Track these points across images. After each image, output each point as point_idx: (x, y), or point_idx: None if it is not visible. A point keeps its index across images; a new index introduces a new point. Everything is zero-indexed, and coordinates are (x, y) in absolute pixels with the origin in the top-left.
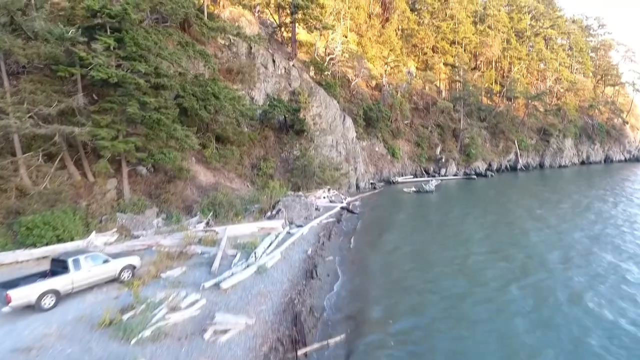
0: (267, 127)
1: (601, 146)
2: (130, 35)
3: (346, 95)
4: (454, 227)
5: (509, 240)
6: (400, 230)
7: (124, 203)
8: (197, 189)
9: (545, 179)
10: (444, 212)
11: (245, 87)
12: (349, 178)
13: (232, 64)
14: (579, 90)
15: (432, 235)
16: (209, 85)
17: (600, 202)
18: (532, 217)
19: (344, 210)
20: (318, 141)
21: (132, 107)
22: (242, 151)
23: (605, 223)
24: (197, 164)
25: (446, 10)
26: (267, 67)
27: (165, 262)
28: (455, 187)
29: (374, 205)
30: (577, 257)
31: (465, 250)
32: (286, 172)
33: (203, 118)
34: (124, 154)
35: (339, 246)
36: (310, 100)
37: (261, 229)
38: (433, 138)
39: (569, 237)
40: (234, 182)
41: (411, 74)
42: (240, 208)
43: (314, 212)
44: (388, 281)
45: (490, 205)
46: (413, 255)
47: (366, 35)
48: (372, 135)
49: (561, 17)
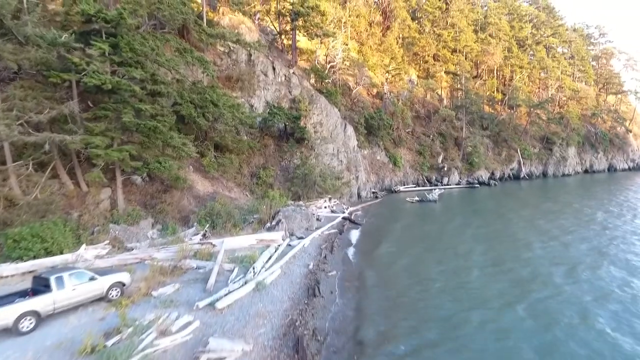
0: (266, 135)
1: (604, 155)
2: (126, 41)
3: (347, 103)
4: (457, 240)
5: (513, 253)
6: (404, 243)
7: (117, 214)
8: (194, 198)
9: (549, 189)
10: (448, 223)
11: (244, 95)
12: (351, 187)
13: (232, 71)
14: (582, 98)
15: (435, 248)
16: (208, 92)
17: (605, 213)
18: (535, 229)
19: (345, 221)
20: (319, 149)
21: (127, 115)
22: (241, 160)
23: (611, 235)
24: (194, 172)
25: (447, 19)
26: (267, 75)
27: (157, 278)
28: (459, 196)
29: (377, 216)
30: (584, 272)
31: (468, 264)
32: (286, 181)
33: (201, 126)
34: (118, 163)
35: (342, 260)
36: (311, 108)
37: (260, 241)
38: (435, 146)
39: (574, 250)
40: (232, 192)
41: (412, 82)
42: (239, 218)
43: (315, 222)
44: (393, 299)
45: (493, 216)
46: (417, 271)
47: (367, 44)
48: (373, 143)
49: (562, 26)
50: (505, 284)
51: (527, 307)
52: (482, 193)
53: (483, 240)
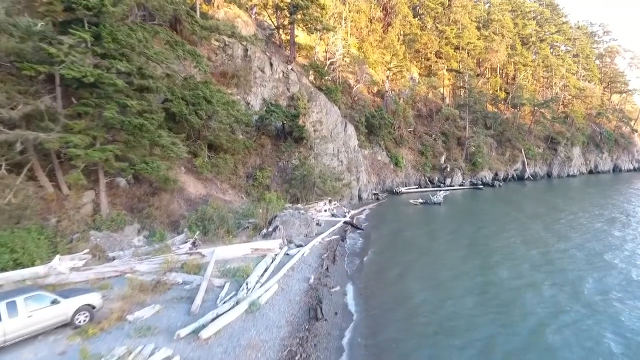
0: (263, 134)
1: (609, 155)
2: (108, 30)
3: (347, 102)
4: (468, 247)
5: (532, 263)
6: (411, 251)
7: (100, 219)
8: (185, 201)
9: (555, 190)
10: (455, 228)
11: (240, 92)
12: (351, 189)
13: (227, 67)
14: (587, 97)
15: (446, 257)
16: (200, 88)
17: (621, 215)
18: (551, 234)
19: (347, 225)
20: (318, 149)
21: (110, 111)
22: (237, 160)
23: (635, 241)
24: (186, 174)
25: (449, 15)
26: (264, 71)
27: (136, 297)
28: (463, 198)
29: (380, 219)
30: (615, 285)
31: (485, 277)
32: (284, 182)
33: (193, 124)
34: (101, 164)
35: (346, 272)
36: (310, 105)
37: (255, 250)
38: (437, 146)
39: (599, 259)
40: (227, 194)
41: (414, 80)
42: (233, 224)
43: (314, 228)
44: (406, 321)
45: (503, 219)
46: (429, 284)
47: (367, 40)
48: (374, 143)
49: (566, 23)
50: (532, 304)
51: (562, 329)
52: (487, 195)
53: (498, 249)
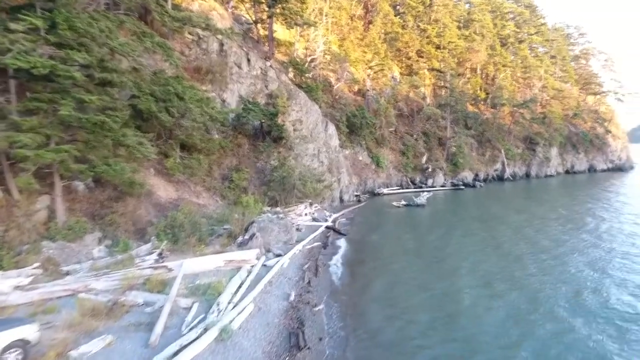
0: (240, 134)
1: (585, 155)
2: (64, 17)
3: (328, 100)
4: (459, 254)
5: (512, 272)
6: (399, 259)
7: (55, 227)
8: (154, 207)
9: (534, 191)
10: (442, 232)
11: (215, 89)
12: (332, 190)
13: (201, 62)
14: (564, 98)
15: (437, 266)
16: (171, 84)
17: (596, 219)
18: (525, 240)
19: (329, 231)
20: (298, 150)
21: (66, 107)
22: (212, 161)
23: (607, 247)
24: (156, 176)
25: (430, 14)
26: (241, 67)
27: (86, 324)
28: (445, 199)
29: (363, 223)
30: (590, 297)
31: (488, 289)
32: (262, 184)
33: (164, 122)
34: (56, 166)
35: (330, 285)
36: (290, 104)
37: (229, 262)
38: (419, 146)
39: (572, 267)
40: (200, 197)
41: (395, 79)
42: (206, 231)
43: (294, 234)
44: (399, 346)
45: (485, 222)
46: (420, 299)
47: (348, 38)
48: (355, 143)
49: (544, 25)
50: (510, 325)
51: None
52: (468, 196)
53: (487, 255)
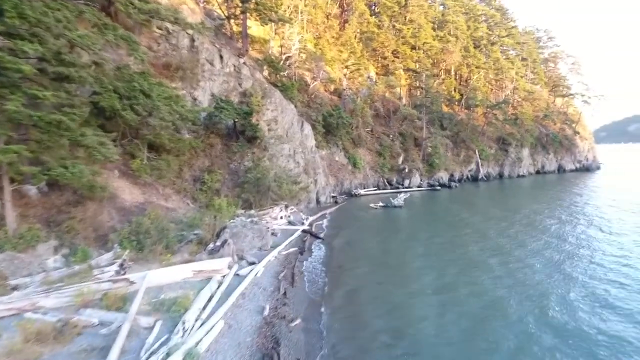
0: (212, 134)
1: (555, 156)
2: (13, 3)
3: (304, 100)
4: (444, 257)
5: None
6: (381, 265)
7: (4, 236)
8: (117, 211)
9: (507, 191)
10: (423, 235)
11: (186, 86)
12: (309, 192)
13: (171, 58)
14: (535, 100)
15: (424, 274)
16: (137, 80)
17: (564, 223)
18: (494, 247)
19: (306, 235)
20: (273, 150)
21: (14, 103)
22: (182, 162)
23: (576, 253)
24: (121, 178)
25: (406, 15)
26: (214, 64)
27: (29, 351)
28: (423, 200)
29: (341, 226)
30: (556, 311)
31: (477, 298)
32: (236, 186)
33: (129, 121)
34: (4, 168)
35: (308, 296)
36: (265, 102)
37: (198, 272)
38: (395, 147)
39: (540, 276)
40: (170, 200)
41: (371, 79)
42: (174, 237)
43: (269, 239)
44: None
45: (461, 224)
46: (408, 312)
47: (324, 37)
48: (332, 143)
49: (515, 28)
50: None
51: None
52: (444, 196)
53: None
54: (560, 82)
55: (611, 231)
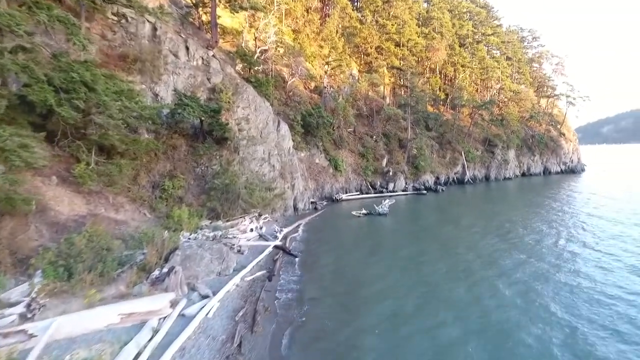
0: (176, 134)
1: (540, 157)
2: None
3: (281, 97)
4: (425, 286)
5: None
6: (364, 295)
7: None
8: (50, 227)
9: (496, 196)
10: (412, 251)
11: (146, 80)
12: (285, 199)
13: (128, 48)
14: (521, 100)
15: (420, 310)
16: (77, 70)
17: (555, 231)
18: (486, 259)
19: (279, 251)
20: (245, 152)
21: None
22: (138, 166)
23: (570, 267)
24: (60, 186)
25: (389, 10)
26: (178, 56)
27: None
28: (408, 206)
29: (320, 239)
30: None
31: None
32: (202, 193)
33: (66, 118)
34: None
35: (272, 350)
36: (236, 99)
37: (128, 316)
38: (379, 148)
39: (531, 296)
40: (121, 211)
41: (354, 76)
42: (115, 259)
43: (233, 260)
44: None
45: (451, 235)
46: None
47: (304, 32)
48: (311, 144)
49: (500, 26)
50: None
51: None
52: (431, 202)
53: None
54: (544, 83)
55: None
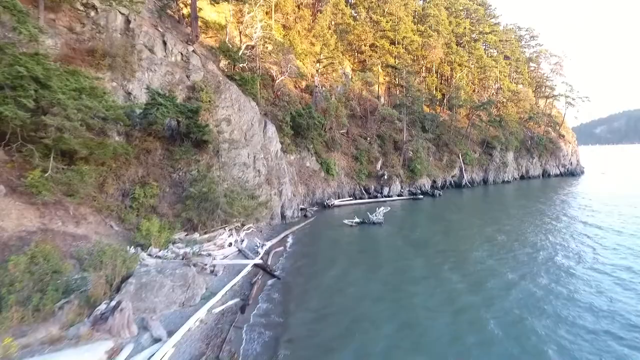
0: (150, 136)
1: (539, 160)
2: None
3: (269, 97)
4: (442, 312)
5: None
6: (358, 331)
7: None
8: None
9: (495, 201)
10: (402, 264)
11: (117, 77)
12: (272, 207)
13: (98, 42)
14: (520, 101)
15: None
16: (25, 63)
17: (551, 245)
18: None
19: (259, 270)
20: (227, 157)
21: None
22: (106, 172)
23: (567, 293)
24: (9, 196)
25: (384, 7)
26: (154, 51)
27: None
28: (404, 213)
29: (306, 253)
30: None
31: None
32: (179, 201)
33: (9, 119)
34: None
35: None
36: (217, 98)
37: None
38: (373, 151)
39: (520, 332)
40: (83, 224)
41: (347, 75)
42: (56, 290)
43: (202, 285)
44: None
45: (448, 252)
46: None
47: (294, 28)
48: (302, 147)
49: (498, 25)
50: None
51: None
52: (428, 208)
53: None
54: (543, 83)
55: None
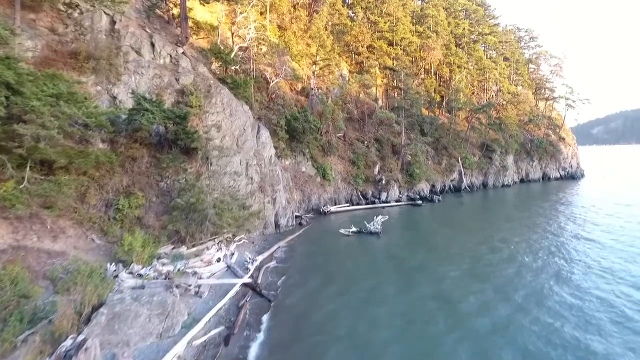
0: (136, 143)
1: (539, 163)
2: None
3: (263, 100)
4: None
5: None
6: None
7: None
8: None
9: (496, 206)
10: (402, 279)
11: (101, 81)
12: (265, 216)
13: (82, 44)
14: (520, 103)
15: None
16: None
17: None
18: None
19: (248, 290)
20: (217, 165)
21: None
22: (88, 182)
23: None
24: None
25: (382, 7)
26: (142, 54)
27: None
28: (402, 221)
29: (301, 269)
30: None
31: None
32: (166, 212)
33: None
34: None
35: None
36: (207, 103)
37: None
38: (371, 155)
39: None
40: (61, 239)
41: (344, 77)
42: (20, 320)
43: (183, 312)
44: None
45: (450, 260)
46: None
47: (290, 29)
48: (297, 151)
49: (497, 26)
50: None
51: None
52: (427, 215)
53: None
54: (543, 84)
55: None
